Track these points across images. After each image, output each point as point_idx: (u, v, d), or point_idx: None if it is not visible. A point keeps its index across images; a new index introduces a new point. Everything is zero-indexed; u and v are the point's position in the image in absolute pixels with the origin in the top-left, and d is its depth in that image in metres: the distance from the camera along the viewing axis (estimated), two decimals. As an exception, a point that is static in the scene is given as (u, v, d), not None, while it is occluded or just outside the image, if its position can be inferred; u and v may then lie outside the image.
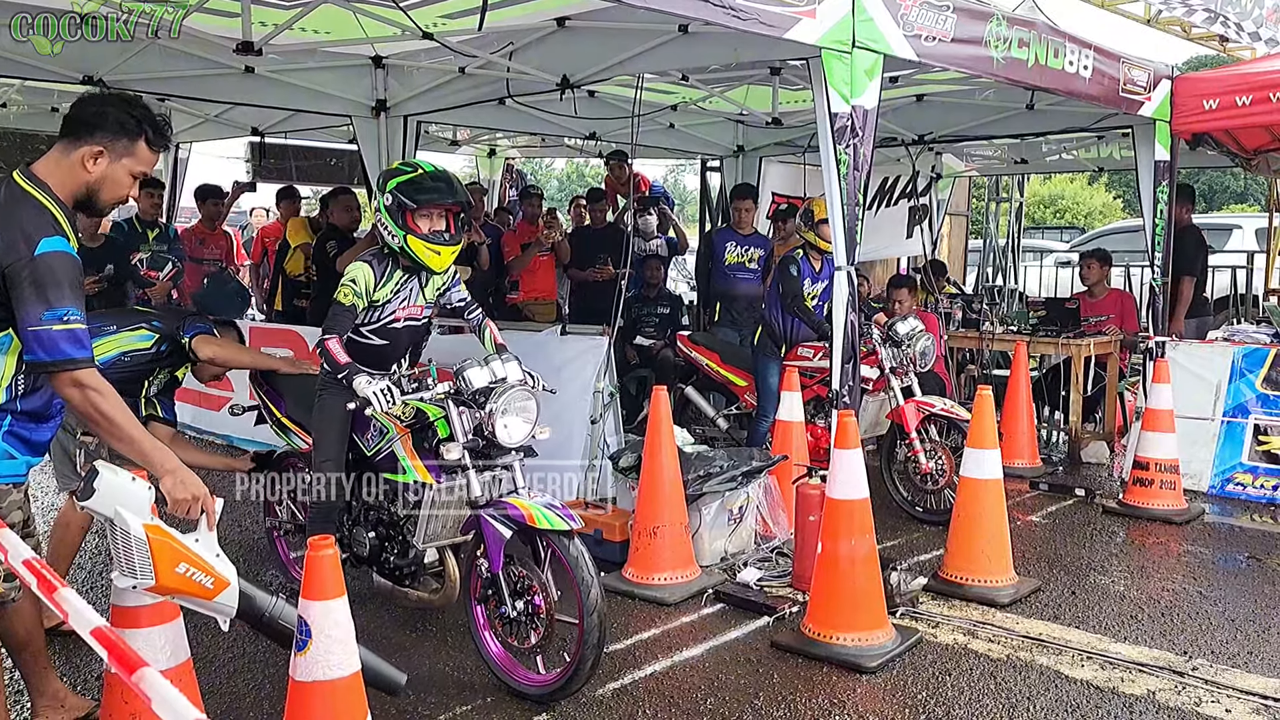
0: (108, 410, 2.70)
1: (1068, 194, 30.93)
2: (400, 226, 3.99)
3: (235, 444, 7.98)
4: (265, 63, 6.22)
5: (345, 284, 4.02)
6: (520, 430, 3.80)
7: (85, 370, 2.68)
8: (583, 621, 3.51)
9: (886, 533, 5.49)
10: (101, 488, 2.55)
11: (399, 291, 4.16)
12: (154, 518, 2.60)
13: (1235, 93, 6.48)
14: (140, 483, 2.63)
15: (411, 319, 4.25)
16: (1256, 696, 3.79)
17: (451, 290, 4.35)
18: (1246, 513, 6.36)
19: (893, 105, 7.80)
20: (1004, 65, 5.30)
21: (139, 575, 2.55)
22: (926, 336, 6.06)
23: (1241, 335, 7.10)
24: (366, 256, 4.13)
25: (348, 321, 4.03)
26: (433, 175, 4.08)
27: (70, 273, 2.69)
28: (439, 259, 4.06)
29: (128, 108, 2.87)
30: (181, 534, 2.63)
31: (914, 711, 3.69)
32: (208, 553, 2.67)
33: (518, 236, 8.45)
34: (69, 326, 2.64)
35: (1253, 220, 13.41)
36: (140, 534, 2.53)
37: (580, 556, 3.54)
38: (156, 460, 2.73)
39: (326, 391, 4.19)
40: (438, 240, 4.02)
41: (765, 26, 4.19)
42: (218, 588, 2.66)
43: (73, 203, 2.85)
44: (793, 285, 6.22)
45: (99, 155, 2.82)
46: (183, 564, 2.59)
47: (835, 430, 4.28)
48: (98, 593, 4.80)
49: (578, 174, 37.19)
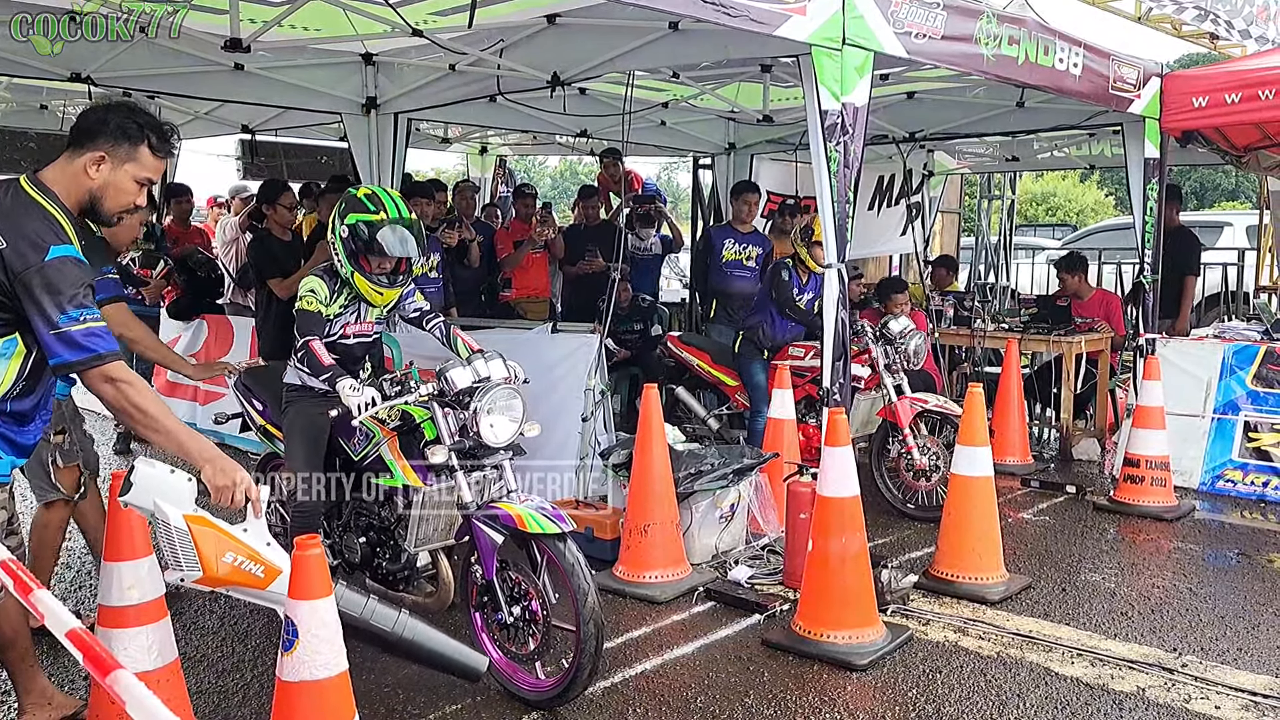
0: (141, 403, 2.68)
1: (1059, 191, 31.01)
2: (350, 262, 4.05)
3: (227, 443, 7.96)
4: (254, 60, 6.19)
5: (304, 295, 4.08)
6: (506, 429, 3.77)
7: (114, 364, 2.67)
8: (579, 629, 3.49)
9: (877, 530, 5.49)
10: (139, 481, 2.52)
11: (348, 307, 4.21)
12: (197, 509, 2.56)
13: (1225, 90, 6.49)
14: (180, 474, 2.60)
15: (360, 335, 4.30)
16: (1246, 693, 3.80)
17: (405, 302, 4.33)
18: (1237, 509, 6.37)
19: (883, 103, 7.80)
20: (994, 62, 5.30)
21: (185, 567, 2.51)
22: (919, 335, 6.07)
23: (1232, 332, 7.12)
24: (318, 271, 4.19)
25: (319, 324, 4.07)
26: (393, 227, 4.05)
27: (81, 275, 2.70)
28: (380, 298, 4.15)
29: (130, 114, 2.88)
30: (230, 524, 2.60)
31: (904, 709, 3.69)
32: (258, 541, 2.62)
33: (511, 234, 8.43)
34: (87, 325, 2.65)
35: (1243, 218, 13.46)
36: (181, 525, 2.49)
37: (576, 563, 3.50)
38: (194, 450, 2.69)
39: (295, 404, 4.20)
40: (381, 284, 4.10)
41: (755, 23, 4.18)
42: (269, 576, 2.60)
43: (78, 210, 2.85)
44: (785, 290, 6.28)
45: (100, 161, 2.82)
46: (230, 553, 2.54)
47: (826, 428, 4.28)
48: (86, 591, 4.78)
49: (571, 172, 37.19)
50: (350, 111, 6.95)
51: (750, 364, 6.44)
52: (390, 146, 6.94)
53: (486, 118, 7.93)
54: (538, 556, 3.64)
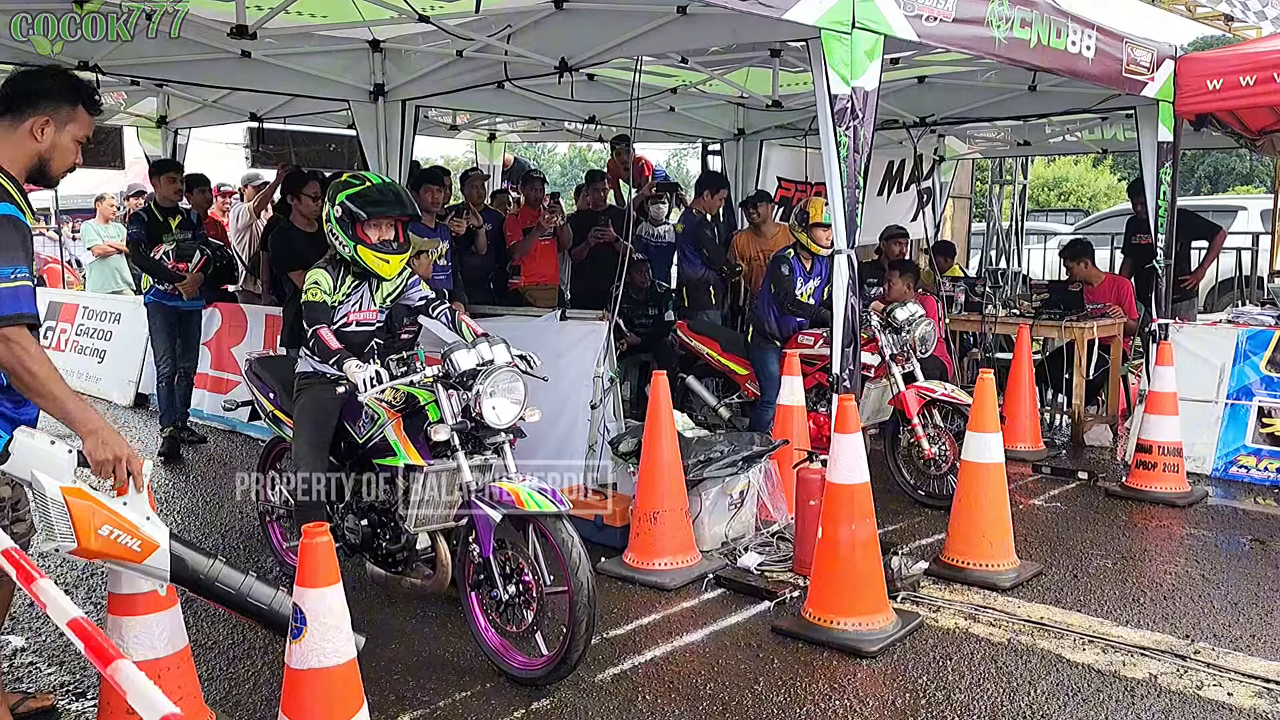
0: (31, 365, 2.69)
1: (1072, 176, 30.83)
2: (350, 237, 4.16)
3: (240, 431, 8.00)
4: (261, 47, 6.18)
5: (309, 288, 4.19)
6: (508, 411, 3.84)
7: (17, 328, 2.68)
8: (572, 603, 3.52)
9: (888, 517, 5.48)
10: (16, 451, 2.54)
11: (350, 295, 4.30)
12: (76, 480, 2.58)
13: (1240, 73, 6.41)
14: (61, 445, 2.62)
15: (363, 324, 4.37)
16: (1259, 680, 3.78)
17: (409, 291, 4.44)
18: (1250, 495, 6.33)
19: (894, 87, 7.75)
20: (1006, 46, 5.24)
21: (59, 539, 2.54)
22: (926, 322, 6.03)
23: (1246, 317, 7.06)
24: (321, 264, 4.30)
25: (326, 313, 4.18)
26: (380, 188, 4.26)
27: (21, 235, 2.76)
28: (388, 267, 4.24)
29: (64, 78, 3.00)
30: (111, 498, 2.60)
31: (915, 696, 3.68)
32: (136, 515, 2.64)
33: (519, 221, 8.41)
34: (14, 284, 2.69)
35: (1258, 202, 13.33)
36: (57, 496, 2.52)
37: (569, 539, 3.55)
38: (78, 418, 2.69)
39: (306, 391, 4.30)
40: (387, 249, 4.20)
41: (764, 7, 4.15)
42: (146, 550, 2.64)
43: (25, 175, 2.93)
44: (785, 284, 6.26)
45: (46, 124, 2.91)
46: (106, 526, 2.57)
47: (835, 414, 4.26)
48: (98, 579, 4.80)
49: (580, 158, 37.10)
50: (358, 99, 6.94)
51: (764, 352, 6.42)
52: (398, 134, 6.94)
53: (494, 104, 7.92)
54: (534, 536, 3.69)
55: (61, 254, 15.04)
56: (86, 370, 10.09)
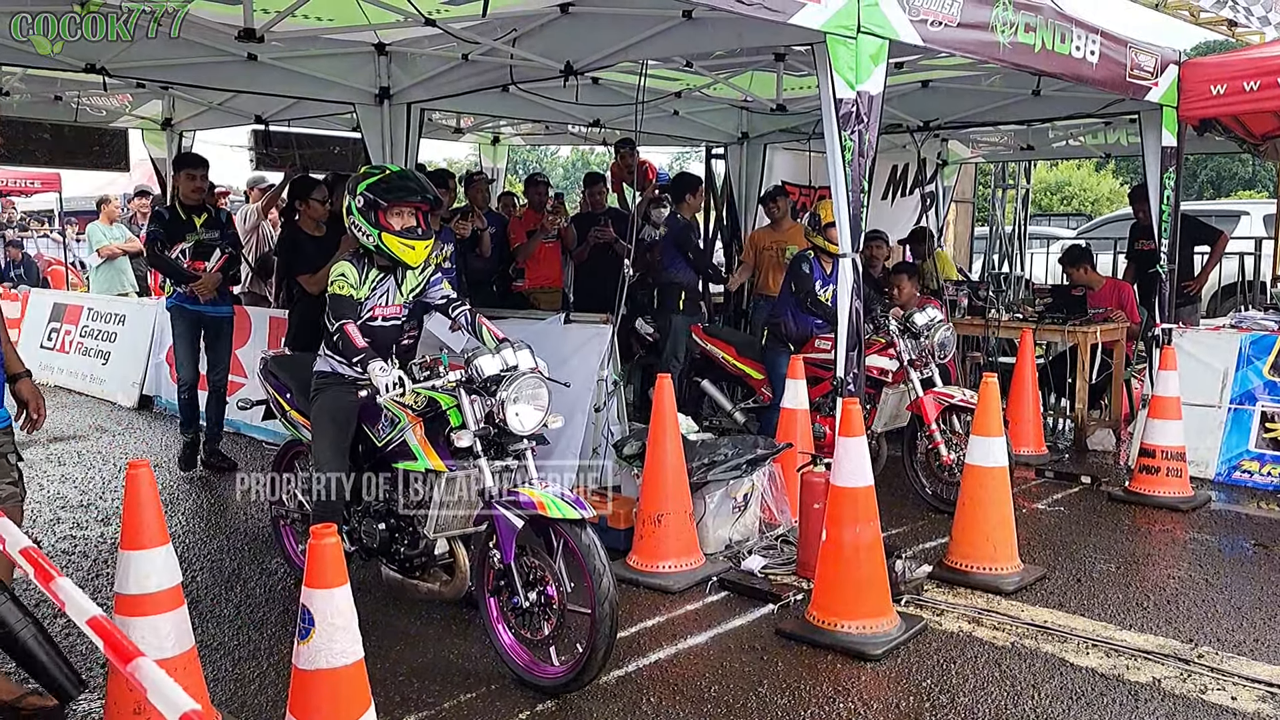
0: None
1: (1075, 180, 30.84)
2: (374, 226, 4.14)
3: (244, 433, 8.00)
4: (268, 50, 6.20)
5: (335, 280, 4.18)
6: (532, 418, 3.80)
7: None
8: (594, 611, 3.50)
9: (893, 520, 5.48)
10: None
11: (375, 289, 4.29)
12: None
13: (1243, 78, 6.43)
14: None
15: (388, 318, 4.35)
16: (1262, 684, 3.78)
17: (430, 289, 4.41)
18: (1253, 500, 6.33)
19: (898, 91, 7.76)
20: (1010, 50, 5.26)
21: None
22: (945, 327, 6.03)
23: (1249, 322, 7.06)
24: (346, 257, 4.29)
25: (352, 307, 4.15)
26: (400, 175, 4.29)
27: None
28: (414, 253, 4.20)
29: None
30: None
31: (918, 699, 3.68)
32: None
33: (523, 224, 8.43)
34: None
35: (1261, 207, 13.34)
36: None
37: (592, 545, 3.53)
38: None
39: (325, 391, 4.27)
40: (411, 235, 4.17)
41: (769, 11, 4.17)
42: None
43: None
44: (806, 283, 6.25)
45: None
46: None
47: (839, 417, 4.26)
48: (103, 579, 4.81)
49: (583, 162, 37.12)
50: (363, 102, 6.96)
51: (777, 356, 6.41)
52: (403, 137, 6.96)
53: (499, 108, 7.94)
54: (555, 542, 3.67)
55: (65, 256, 15.07)
56: (91, 372, 10.11)
